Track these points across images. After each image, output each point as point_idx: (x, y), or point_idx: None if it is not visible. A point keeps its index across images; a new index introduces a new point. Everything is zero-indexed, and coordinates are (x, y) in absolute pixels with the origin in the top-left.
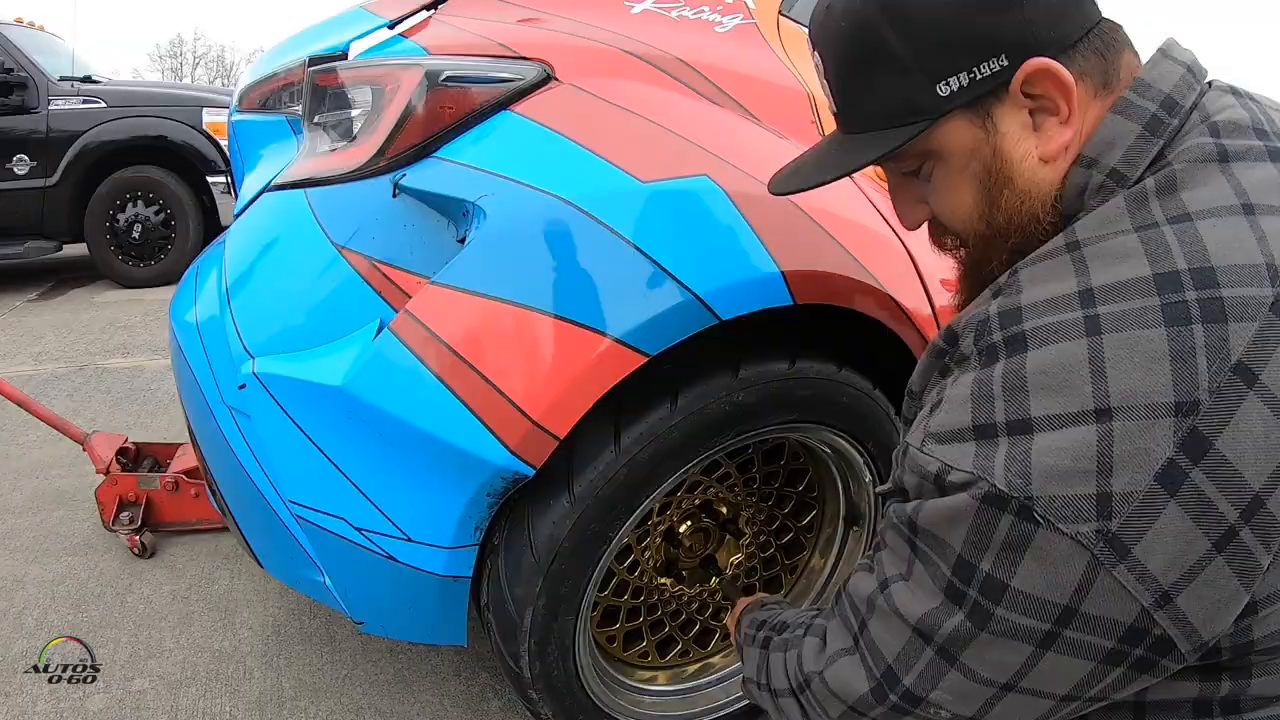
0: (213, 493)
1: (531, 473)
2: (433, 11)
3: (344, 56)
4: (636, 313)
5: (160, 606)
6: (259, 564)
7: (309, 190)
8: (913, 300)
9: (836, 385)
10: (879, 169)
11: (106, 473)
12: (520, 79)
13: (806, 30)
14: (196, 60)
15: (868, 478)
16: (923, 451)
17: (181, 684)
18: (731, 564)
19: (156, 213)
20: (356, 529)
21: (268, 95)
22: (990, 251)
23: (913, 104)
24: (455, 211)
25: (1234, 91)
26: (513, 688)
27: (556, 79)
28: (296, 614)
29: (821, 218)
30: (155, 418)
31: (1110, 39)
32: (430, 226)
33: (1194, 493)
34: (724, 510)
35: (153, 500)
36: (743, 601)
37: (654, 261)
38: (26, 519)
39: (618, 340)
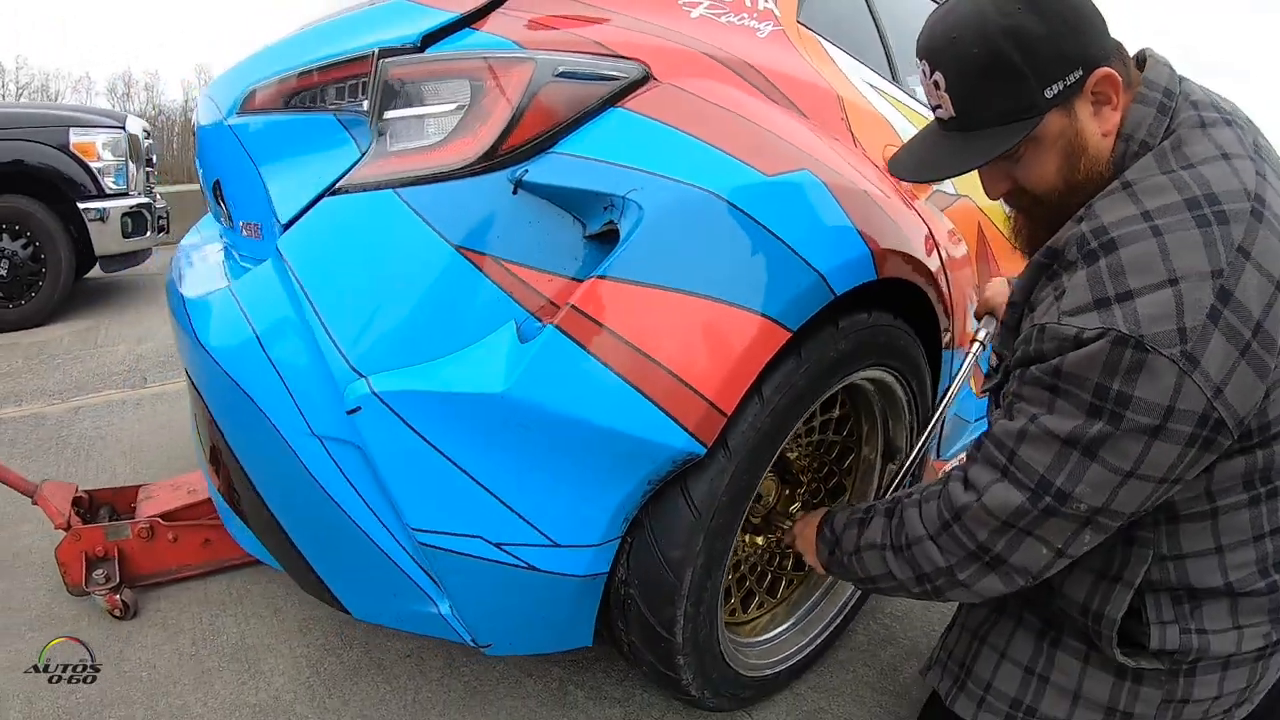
0: (262, 538)
1: (704, 452)
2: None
3: (417, 51)
4: (783, 293)
5: (168, 670)
6: (341, 608)
7: (403, 190)
8: (935, 266)
9: (897, 331)
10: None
11: (67, 527)
12: (626, 77)
13: (918, 48)
14: (20, 90)
15: (906, 417)
16: (1060, 324)
17: None
18: (790, 512)
19: (24, 246)
20: (494, 544)
21: (291, 94)
22: (1070, 201)
23: (1029, 104)
24: (590, 206)
25: (1184, 77)
26: (653, 659)
27: (655, 78)
28: (330, 650)
29: (888, 204)
30: (79, 465)
31: (1123, 51)
32: (554, 222)
33: (1227, 323)
34: (792, 457)
35: (125, 552)
36: (814, 514)
37: (789, 246)
38: None
39: (772, 319)
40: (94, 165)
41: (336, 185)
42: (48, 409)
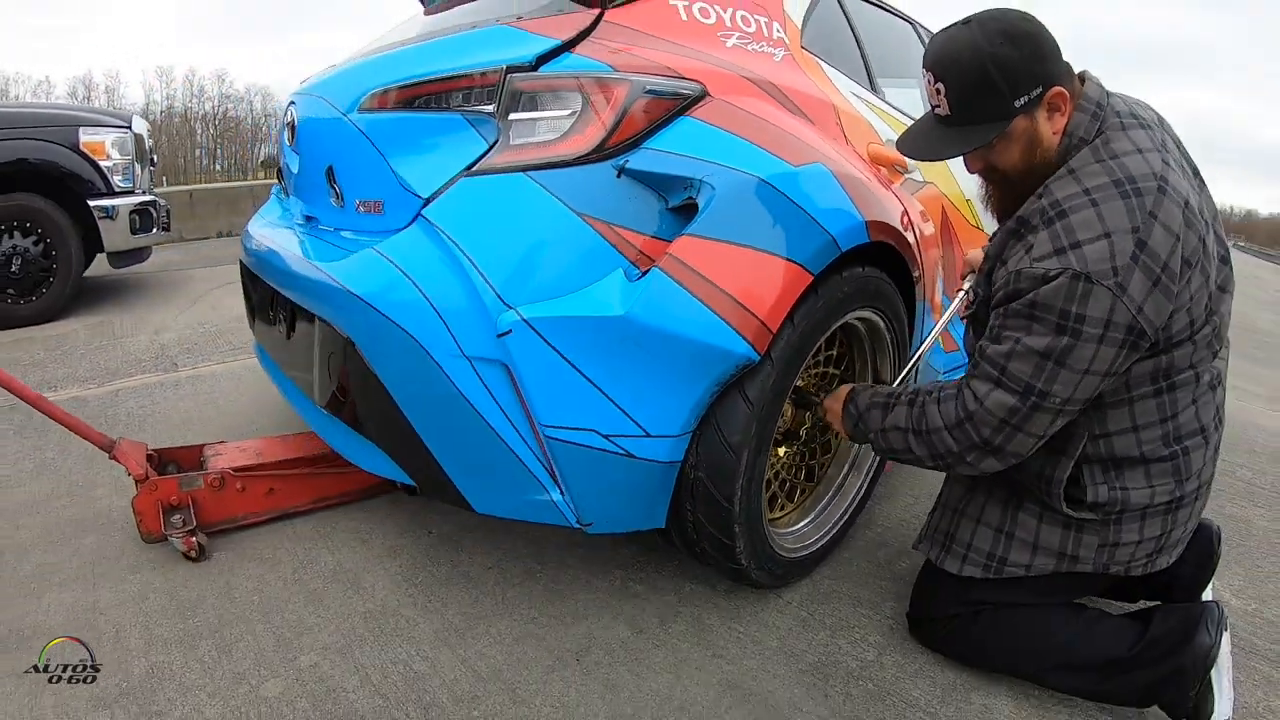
0: (399, 457)
1: (759, 358)
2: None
3: (532, 68)
4: (807, 247)
5: (275, 593)
6: (464, 504)
7: (532, 173)
8: (908, 235)
9: (882, 281)
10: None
11: (145, 478)
12: (691, 93)
13: (925, 62)
14: None
15: (890, 352)
16: (1032, 268)
17: (349, 647)
18: (804, 431)
19: (35, 243)
20: (604, 435)
21: (416, 97)
22: (1030, 181)
23: (1003, 110)
24: (673, 186)
25: (1112, 93)
26: (713, 530)
27: (710, 94)
28: (421, 566)
29: (873, 188)
30: (136, 437)
31: (1072, 71)
32: (645, 198)
33: (1144, 264)
34: (802, 385)
35: (197, 500)
36: (840, 390)
37: (810, 215)
38: (56, 553)
39: (801, 265)
40: (103, 164)
41: (474, 168)
42: (85, 393)
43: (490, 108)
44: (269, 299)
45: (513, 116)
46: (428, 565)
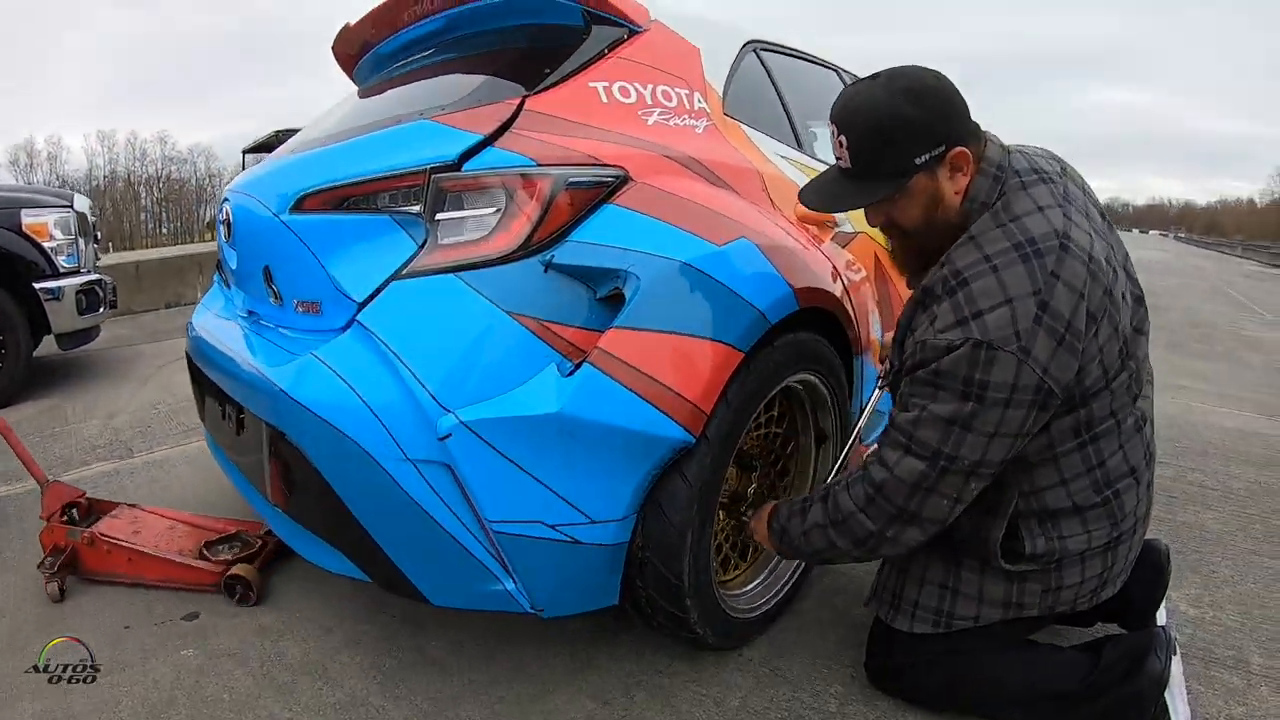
0: (352, 555)
1: (694, 440)
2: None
3: (456, 167)
4: (737, 325)
5: (247, 689)
6: (420, 598)
7: (461, 274)
8: (839, 291)
9: (816, 343)
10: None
11: (46, 520)
12: (614, 180)
13: (831, 115)
14: None
15: (831, 408)
16: (935, 339)
17: None
18: (750, 493)
19: None
20: (550, 525)
21: (345, 198)
22: (932, 242)
23: (903, 167)
24: (600, 278)
25: (1015, 150)
26: (666, 605)
27: (633, 179)
28: (385, 653)
29: (801, 253)
30: None
31: (979, 132)
32: (574, 290)
33: (1047, 325)
34: (747, 448)
35: (77, 550)
36: (763, 510)
37: (737, 294)
38: (15, 660)
39: (731, 346)
40: (47, 245)
41: (403, 271)
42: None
43: (417, 208)
44: (218, 394)
45: (439, 216)
46: (392, 651)
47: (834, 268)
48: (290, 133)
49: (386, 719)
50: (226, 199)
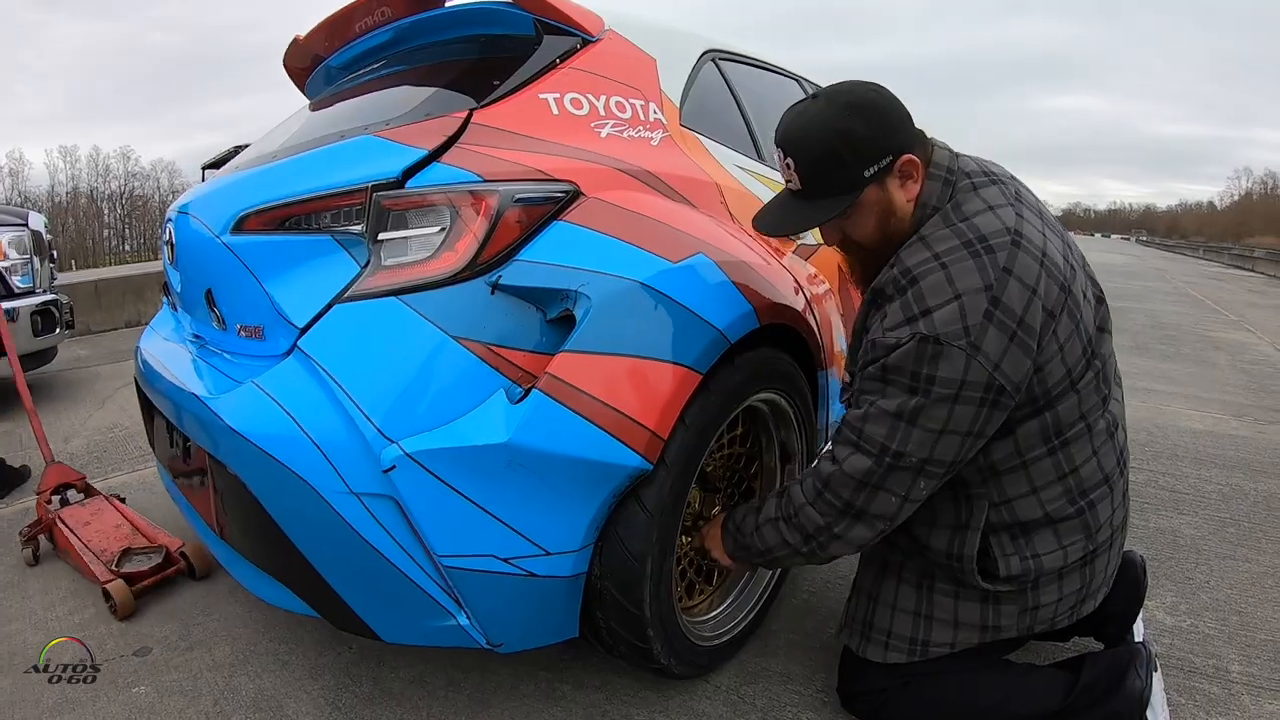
0: (299, 591)
1: (651, 468)
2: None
3: (399, 184)
4: (694, 348)
5: None
6: (372, 635)
7: (404, 297)
8: (801, 305)
9: (779, 360)
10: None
11: (39, 494)
12: (563, 196)
13: (776, 138)
14: None
15: (795, 425)
16: (884, 337)
17: None
18: (713, 514)
19: None
20: (504, 559)
21: (285, 218)
22: (887, 251)
23: (852, 181)
24: (549, 299)
25: (961, 155)
26: (628, 636)
27: (584, 194)
28: (343, 687)
29: (761, 269)
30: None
31: (924, 138)
32: (523, 312)
33: (999, 320)
34: (710, 470)
35: (51, 527)
36: (715, 519)
37: (694, 313)
38: None
39: (689, 367)
40: (1, 265)
41: (345, 294)
42: (1, 511)
43: (359, 227)
44: (164, 421)
45: (382, 236)
46: (350, 685)
47: (796, 281)
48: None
49: None
50: (170, 219)
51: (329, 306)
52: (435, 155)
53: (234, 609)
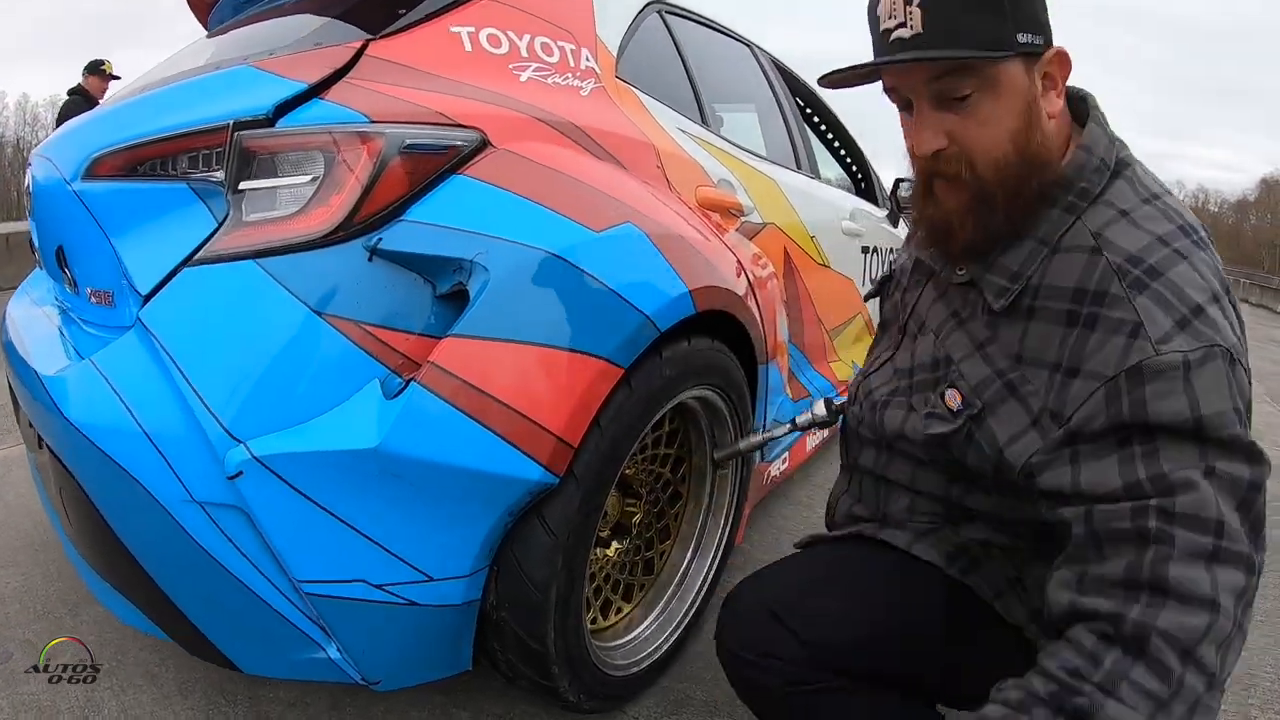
0: (149, 614)
1: (557, 481)
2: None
3: (269, 122)
4: (614, 336)
5: None
6: (230, 665)
7: (263, 260)
8: (743, 290)
9: (714, 352)
10: None
11: None
12: (466, 145)
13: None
14: None
15: (729, 425)
16: (1161, 356)
17: None
18: (634, 523)
19: None
20: (376, 586)
21: (139, 161)
22: (1017, 184)
23: (1000, 38)
24: (439, 269)
25: None
26: (530, 673)
27: (492, 145)
28: (215, 709)
29: (701, 246)
30: None
31: None
32: (408, 285)
33: (1238, 328)
34: (630, 473)
35: None
36: None
37: (617, 294)
38: None
39: (607, 360)
40: None
41: (195, 256)
42: None
43: (219, 174)
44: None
45: (244, 186)
46: (223, 706)
47: (739, 262)
48: None
49: None
50: (29, 163)
51: (175, 270)
52: (317, 90)
53: (101, 609)
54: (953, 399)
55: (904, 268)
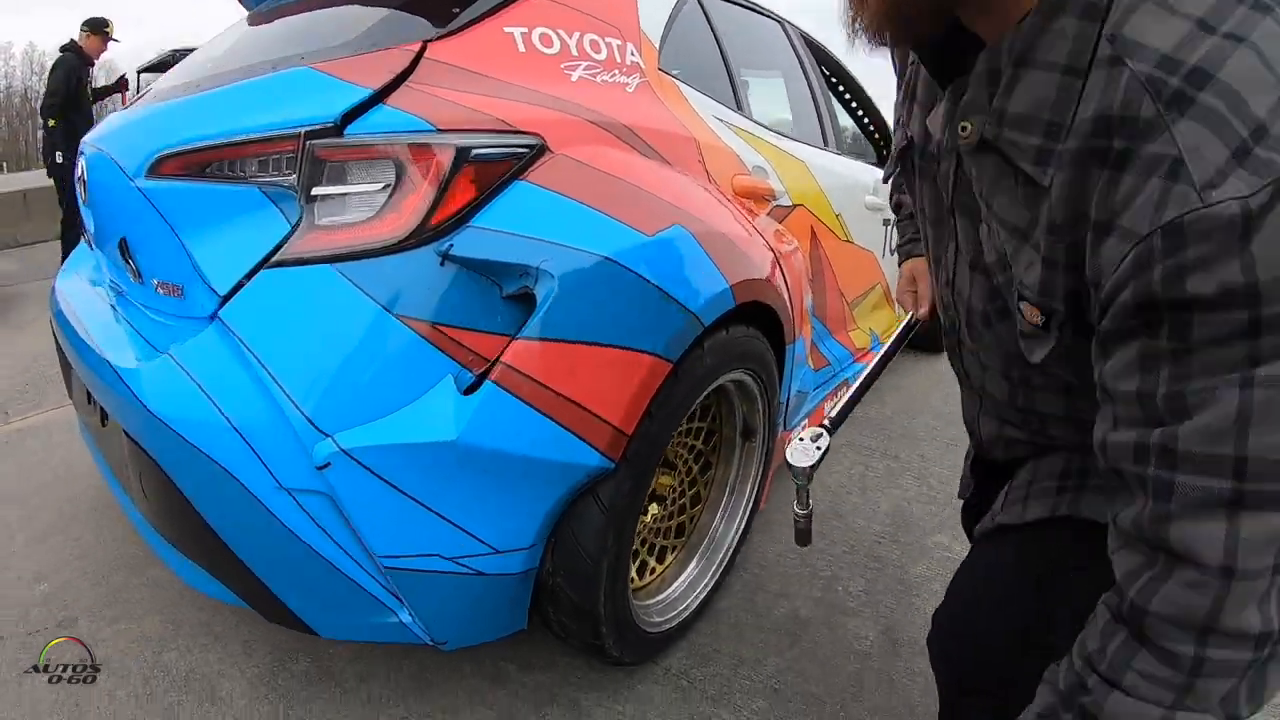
0: (231, 585)
1: (614, 466)
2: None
3: (337, 129)
4: (665, 333)
5: (130, 714)
6: (309, 630)
7: (340, 265)
8: (779, 283)
9: (750, 340)
10: None
11: None
12: (527, 152)
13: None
14: None
15: (759, 403)
16: (1210, 207)
17: None
18: (670, 491)
19: None
20: (448, 559)
21: (207, 163)
22: None
23: None
24: (506, 274)
25: None
26: (580, 632)
27: (550, 150)
28: (279, 666)
29: (741, 243)
30: None
31: None
32: (476, 287)
33: None
34: (668, 448)
35: None
36: None
37: (667, 294)
38: None
39: (659, 356)
40: None
41: (273, 258)
42: None
43: (291, 179)
44: (81, 380)
45: (316, 191)
46: (287, 662)
47: (771, 251)
48: (186, 53)
49: None
50: (82, 153)
51: (254, 271)
52: (381, 96)
53: (162, 571)
54: (1032, 315)
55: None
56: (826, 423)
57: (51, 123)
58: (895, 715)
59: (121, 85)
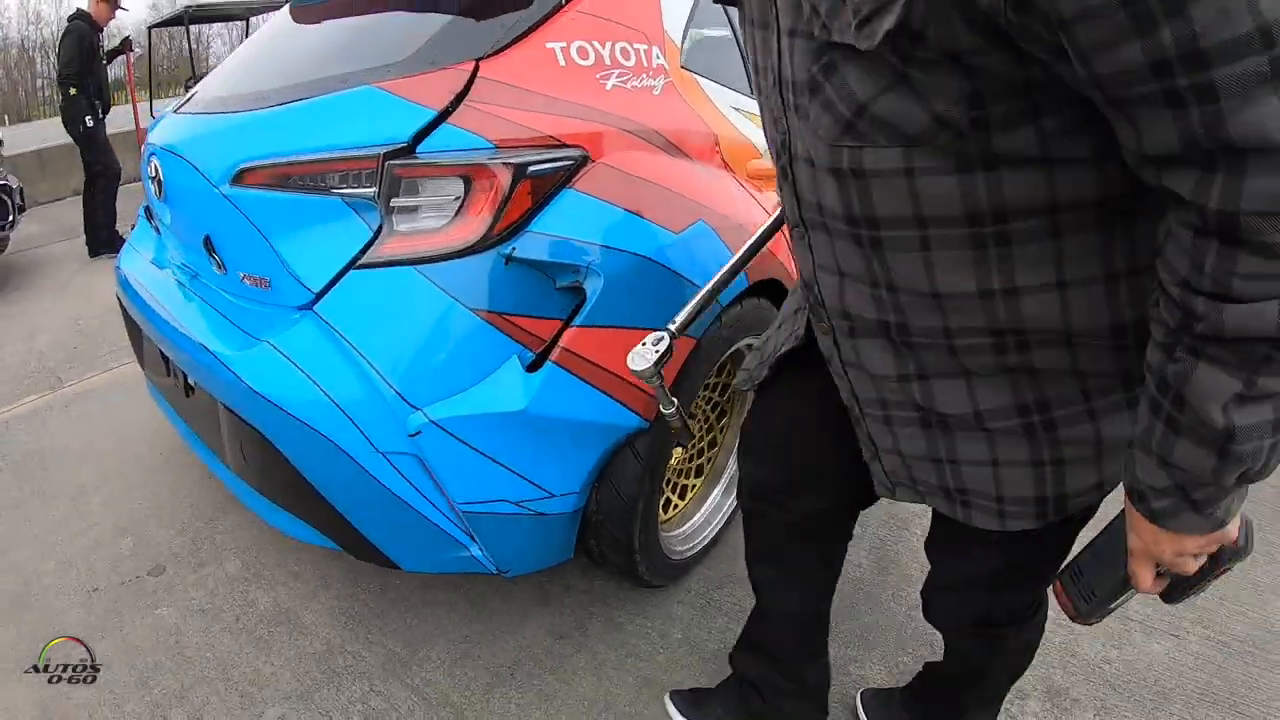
0: (322, 529)
1: (648, 425)
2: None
3: (410, 149)
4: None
5: (227, 648)
6: (393, 565)
7: (420, 267)
8: (781, 253)
9: (760, 309)
10: None
11: None
12: (572, 163)
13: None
14: None
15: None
16: None
17: (309, 693)
18: (695, 433)
19: None
20: (515, 503)
21: (290, 177)
22: None
23: None
24: (560, 271)
25: None
26: (618, 559)
27: (592, 160)
28: (354, 597)
29: (752, 227)
30: (45, 481)
31: None
32: (535, 281)
33: None
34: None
35: None
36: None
37: (692, 284)
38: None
39: (685, 335)
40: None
41: (360, 260)
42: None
43: (370, 191)
44: (159, 354)
45: (395, 203)
46: (360, 594)
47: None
48: (199, 9)
49: (364, 665)
50: (153, 154)
51: (344, 272)
52: (444, 115)
53: (235, 517)
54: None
55: None
56: (672, 327)
57: (73, 91)
58: (881, 631)
59: (126, 46)
